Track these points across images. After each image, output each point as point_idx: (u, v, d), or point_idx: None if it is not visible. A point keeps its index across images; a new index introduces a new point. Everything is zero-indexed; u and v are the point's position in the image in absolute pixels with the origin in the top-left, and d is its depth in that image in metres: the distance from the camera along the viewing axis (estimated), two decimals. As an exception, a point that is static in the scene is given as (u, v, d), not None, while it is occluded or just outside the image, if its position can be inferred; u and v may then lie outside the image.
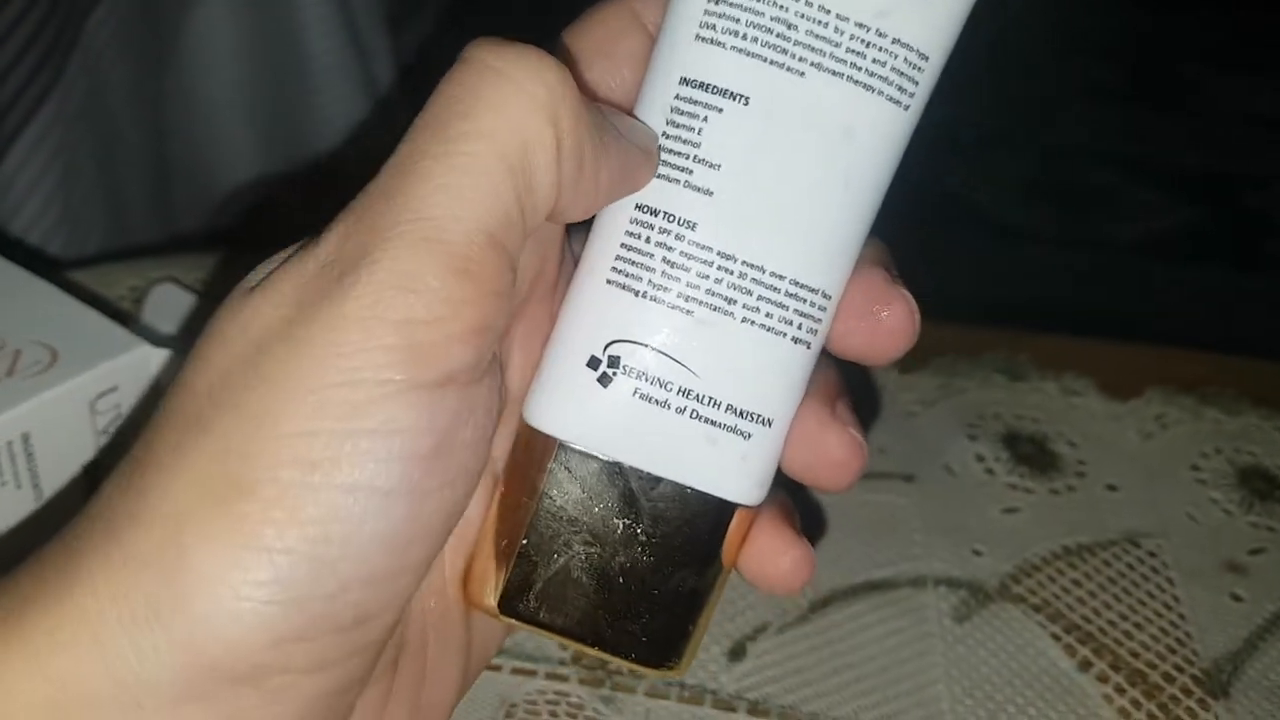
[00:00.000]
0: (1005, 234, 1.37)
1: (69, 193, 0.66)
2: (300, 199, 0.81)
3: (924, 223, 0.29)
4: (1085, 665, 0.41)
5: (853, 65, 0.28)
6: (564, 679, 0.39)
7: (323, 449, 0.24)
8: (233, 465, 0.24)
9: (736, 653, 0.41)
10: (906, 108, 0.29)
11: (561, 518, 0.29)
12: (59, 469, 0.39)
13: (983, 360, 0.54)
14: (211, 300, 0.48)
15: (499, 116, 0.25)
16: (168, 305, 0.48)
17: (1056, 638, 0.42)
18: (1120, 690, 0.40)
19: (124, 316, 0.44)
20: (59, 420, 0.38)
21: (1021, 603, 0.43)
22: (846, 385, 0.32)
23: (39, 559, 0.25)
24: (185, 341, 0.44)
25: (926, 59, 0.29)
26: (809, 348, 0.29)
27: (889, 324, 0.30)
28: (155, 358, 0.40)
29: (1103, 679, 0.41)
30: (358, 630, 0.25)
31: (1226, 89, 1.70)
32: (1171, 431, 0.51)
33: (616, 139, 0.27)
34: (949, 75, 0.30)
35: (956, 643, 0.42)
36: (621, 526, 0.29)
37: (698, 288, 0.28)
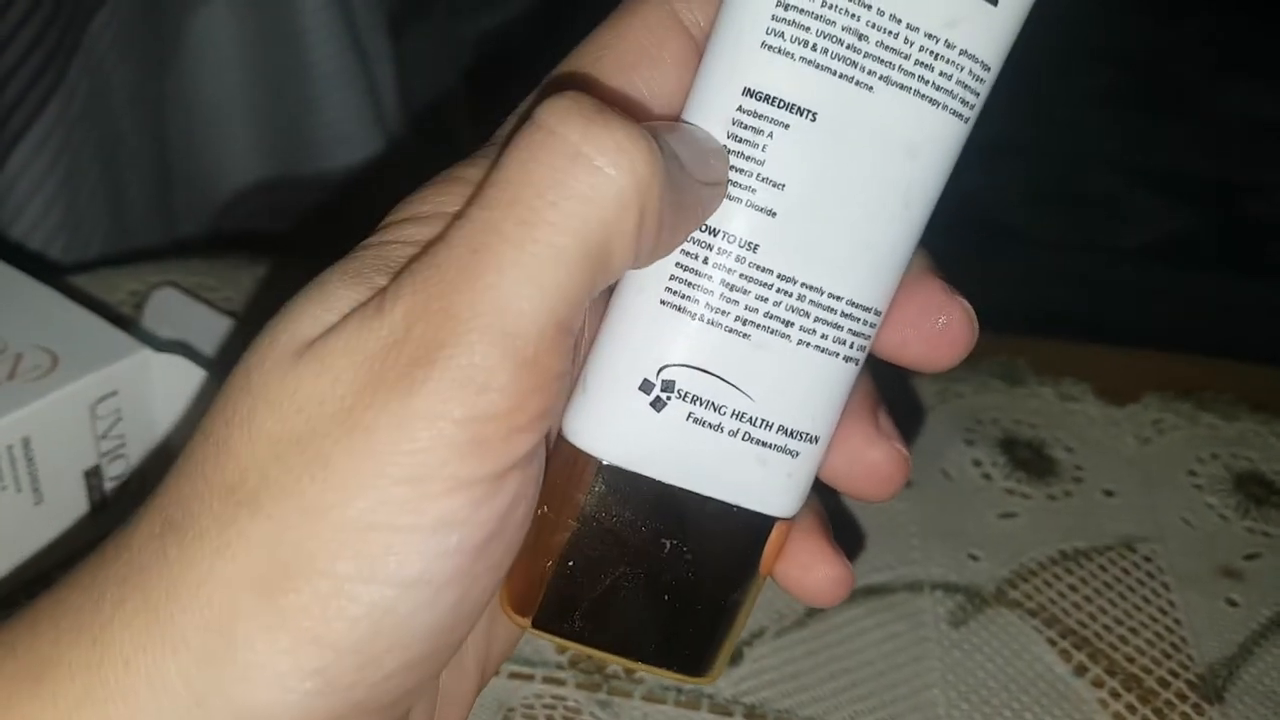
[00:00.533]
0: (1007, 239, 1.37)
1: (71, 196, 0.66)
2: (301, 203, 0.81)
3: (928, 228, 0.29)
4: (1081, 670, 0.41)
5: (920, 79, 0.27)
6: (561, 683, 0.39)
7: (381, 545, 0.23)
8: (287, 554, 0.23)
9: (733, 657, 0.41)
10: (966, 120, 0.28)
11: (603, 536, 0.28)
12: (59, 473, 0.39)
13: (980, 365, 0.54)
14: (222, 309, 0.48)
15: (587, 211, 0.24)
16: (168, 310, 0.48)
17: (1052, 642, 0.42)
18: (1115, 695, 0.41)
19: (124, 321, 0.44)
20: (59, 424, 0.38)
21: (1018, 607, 0.43)
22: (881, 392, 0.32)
23: (56, 609, 0.24)
24: (188, 352, 0.44)
25: (989, 70, 0.28)
26: (857, 364, 0.29)
27: (950, 332, 0.30)
28: (155, 362, 0.40)
29: (1098, 684, 0.41)
30: (395, 708, 0.25)
31: (1229, 95, 1.70)
32: (1168, 437, 0.51)
33: (695, 196, 0.26)
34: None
35: (953, 647, 0.42)
36: (667, 545, 0.29)
37: (756, 310, 0.27)
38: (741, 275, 0.27)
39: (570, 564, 0.28)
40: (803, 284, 0.27)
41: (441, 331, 0.24)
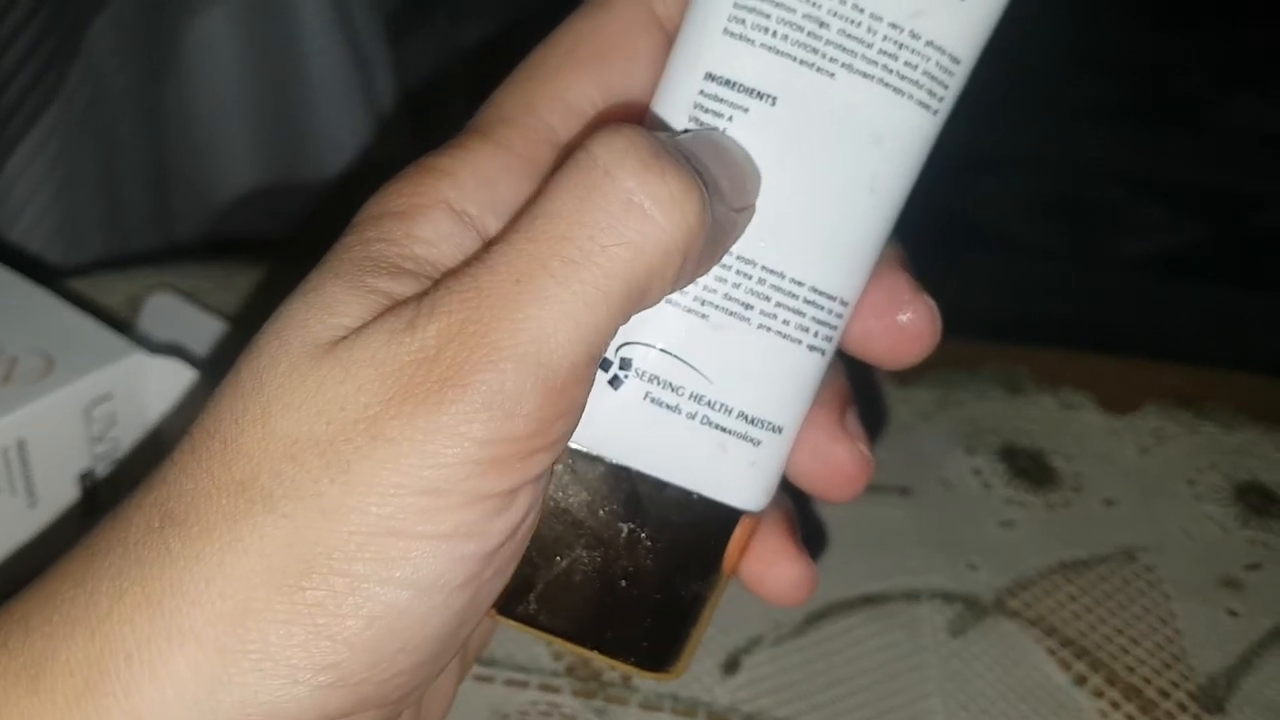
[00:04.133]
0: (1010, 249, 1.37)
1: (69, 200, 0.66)
2: (299, 208, 0.81)
3: (927, 237, 0.29)
4: (1080, 680, 0.41)
5: (884, 67, 0.27)
6: (556, 690, 0.39)
7: (399, 549, 0.24)
8: (304, 552, 0.24)
9: (731, 665, 0.41)
10: (935, 112, 0.28)
11: (564, 520, 0.28)
12: (54, 476, 0.39)
13: (980, 374, 0.54)
14: (219, 313, 0.48)
15: (636, 259, 0.25)
16: (164, 313, 0.48)
17: (1051, 652, 0.42)
18: (1115, 705, 0.40)
19: (121, 324, 0.44)
20: (54, 427, 0.38)
21: (1017, 617, 0.43)
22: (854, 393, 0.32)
23: (47, 603, 0.24)
24: (184, 355, 0.44)
25: (958, 62, 0.28)
26: (823, 355, 0.29)
27: (912, 328, 0.30)
28: (151, 366, 0.40)
29: (1098, 694, 0.41)
30: (399, 705, 0.25)
31: (1234, 107, 1.70)
32: (1169, 446, 0.51)
33: (731, 224, 0.27)
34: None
35: (951, 656, 0.41)
36: (625, 530, 0.29)
37: (714, 291, 0.28)
38: None
39: (532, 548, 0.28)
40: (763, 267, 0.28)
41: (475, 354, 0.24)
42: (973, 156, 0.27)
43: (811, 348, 0.28)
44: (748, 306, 0.28)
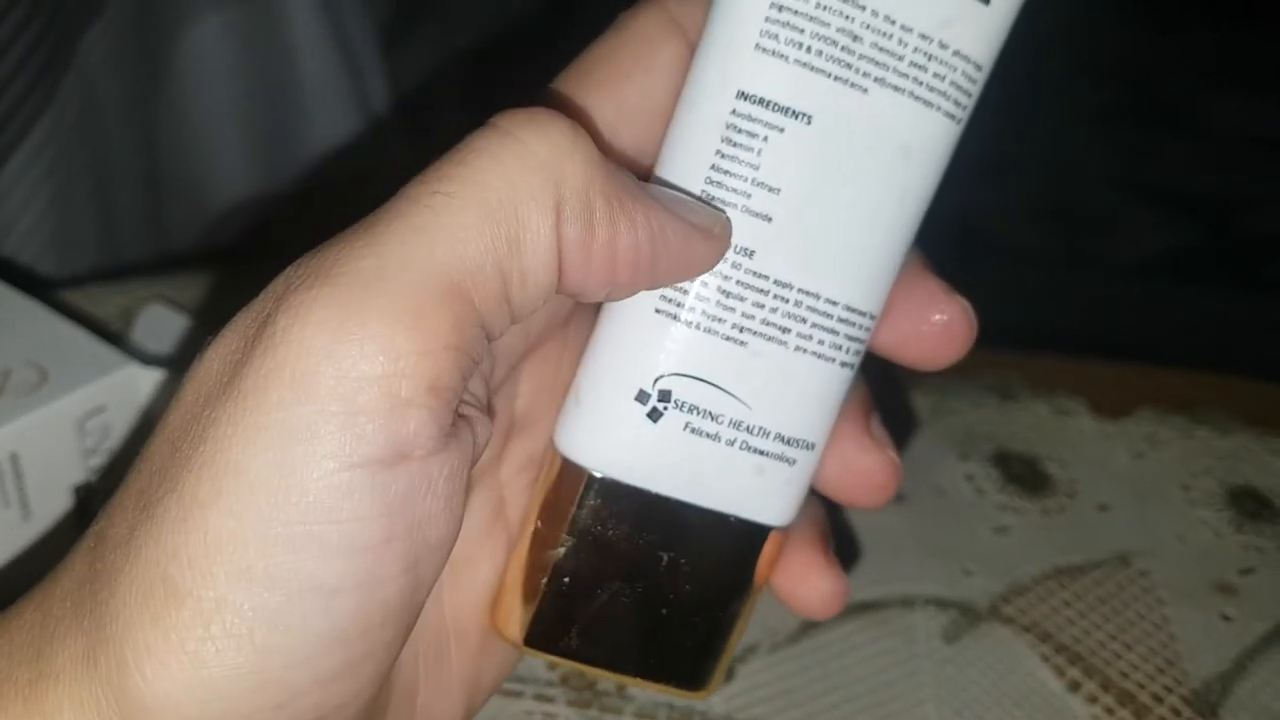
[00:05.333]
0: (1001, 254, 1.37)
1: (62, 211, 0.66)
2: (293, 218, 0.81)
3: (922, 244, 0.29)
4: (1074, 686, 0.41)
5: (915, 80, 0.27)
6: (551, 700, 0.39)
7: (255, 553, 0.21)
8: (170, 569, 0.22)
9: (727, 674, 0.41)
10: (959, 121, 0.28)
11: (597, 550, 0.28)
12: (47, 489, 0.39)
13: (974, 380, 0.54)
14: (202, 323, 0.48)
15: (492, 164, 0.23)
16: (157, 325, 0.48)
17: (1046, 658, 0.42)
18: (1109, 711, 0.40)
19: (114, 337, 0.44)
20: (48, 440, 0.38)
21: (1011, 623, 0.43)
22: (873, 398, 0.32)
23: (9, 625, 0.24)
24: (178, 367, 0.44)
25: (981, 70, 0.28)
26: (853, 370, 0.29)
27: (950, 329, 0.30)
28: (144, 378, 0.40)
29: (1092, 699, 0.41)
30: None
31: (1224, 110, 1.70)
32: (1162, 451, 0.51)
33: (651, 210, 0.25)
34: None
35: (946, 663, 0.41)
36: (660, 558, 0.28)
37: (753, 317, 0.27)
38: (738, 281, 0.27)
39: (565, 579, 0.28)
40: (799, 289, 0.27)
41: (308, 279, 0.22)
42: (964, 162, 0.27)
43: (844, 364, 0.28)
44: (785, 330, 0.27)
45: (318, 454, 0.21)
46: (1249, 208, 1.55)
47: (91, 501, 0.40)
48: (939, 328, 0.30)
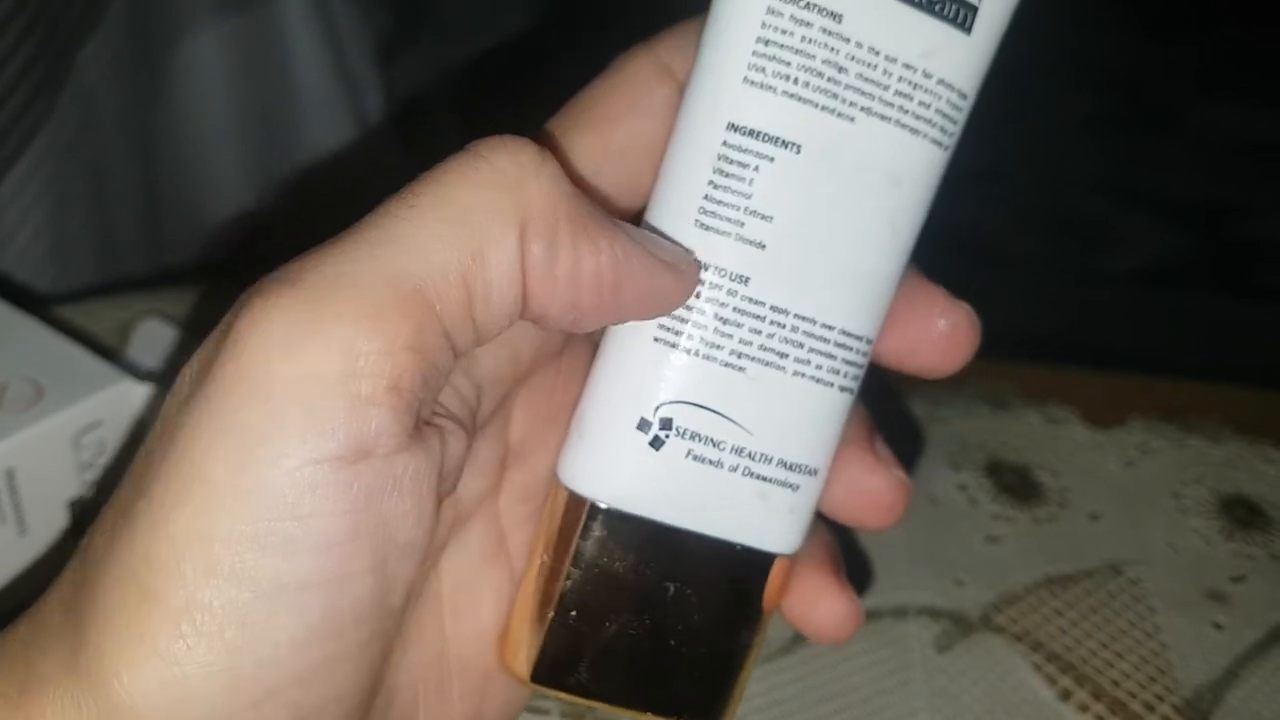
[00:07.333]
0: (993, 263, 1.37)
1: (59, 225, 0.66)
2: (288, 230, 0.81)
3: (914, 251, 0.29)
4: (1066, 694, 0.41)
5: (900, 109, 0.27)
6: (545, 712, 0.39)
7: (221, 551, 0.22)
8: (141, 571, 0.22)
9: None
10: (946, 148, 0.28)
11: (603, 582, 0.28)
12: (43, 504, 0.39)
13: (966, 390, 0.54)
14: (197, 338, 0.48)
15: (460, 181, 0.24)
16: (153, 340, 0.48)
17: (1037, 667, 0.42)
18: (1100, 719, 0.41)
19: (110, 352, 0.44)
20: (43, 455, 0.38)
21: (1003, 632, 0.43)
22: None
23: (6, 639, 0.24)
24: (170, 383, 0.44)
25: (965, 98, 0.28)
26: (852, 394, 0.29)
27: (955, 335, 0.30)
28: (139, 393, 0.40)
29: (1083, 708, 0.41)
30: None
31: (1216, 117, 1.70)
32: (1154, 460, 0.51)
33: (615, 238, 0.25)
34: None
35: (938, 672, 0.42)
36: (666, 589, 0.28)
37: (750, 344, 0.27)
38: (734, 309, 0.27)
39: (571, 613, 0.28)
40: (795, 315, 0.28)
41: (274, 285, 0.23)
42: (954, 170, 0.27)
43: (843, 389, 0.29)
44: (783, 355, 0.28)
45: (279, 452, 0.22)
46: (1241, 214, 1.55)
47: (87, 517, 0.40)
48: (944, 333, 0.30)
